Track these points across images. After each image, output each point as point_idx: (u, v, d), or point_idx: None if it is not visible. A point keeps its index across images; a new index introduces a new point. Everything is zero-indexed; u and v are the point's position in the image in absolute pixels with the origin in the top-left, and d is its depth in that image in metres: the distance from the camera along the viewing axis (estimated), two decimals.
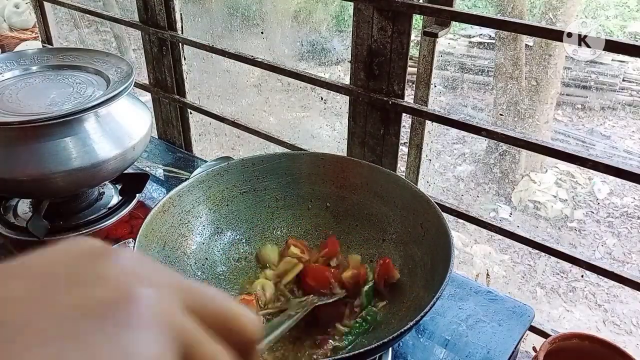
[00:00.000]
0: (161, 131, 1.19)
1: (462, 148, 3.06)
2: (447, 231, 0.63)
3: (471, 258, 2.48)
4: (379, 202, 0.74)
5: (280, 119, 2.78)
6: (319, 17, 2.92)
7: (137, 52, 3.11)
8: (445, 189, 2.86)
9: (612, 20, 2.87)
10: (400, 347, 0.68)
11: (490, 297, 0.75)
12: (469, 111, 3.16)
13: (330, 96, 2.42)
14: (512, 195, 2.85)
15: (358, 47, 0.80)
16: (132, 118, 0.86)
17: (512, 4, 2.77)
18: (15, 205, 0.92)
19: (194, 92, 1.15)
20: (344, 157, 0.80)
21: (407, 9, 0.73)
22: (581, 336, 0.62)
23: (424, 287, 0.63)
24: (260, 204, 0.77)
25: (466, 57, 3.28)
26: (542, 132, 2.87)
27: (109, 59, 0.91)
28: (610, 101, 3.10)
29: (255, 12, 2.40)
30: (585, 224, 2.69)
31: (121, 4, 3.05)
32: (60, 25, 3.09)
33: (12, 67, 0.89)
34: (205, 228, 0.73)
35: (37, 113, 0.76)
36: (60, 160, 0.76)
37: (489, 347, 0.67)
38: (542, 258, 2.48)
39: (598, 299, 2.36)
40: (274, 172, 0.78)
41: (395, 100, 0.79)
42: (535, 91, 2.83)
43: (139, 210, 0.92)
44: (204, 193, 0.73)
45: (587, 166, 0.66)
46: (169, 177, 1.03)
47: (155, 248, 0.64)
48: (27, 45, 2.45)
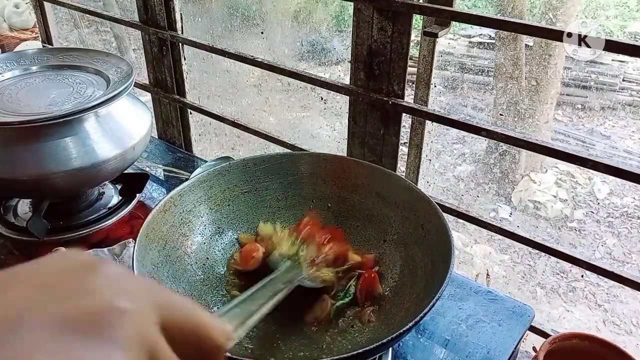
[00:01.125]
0: (161, 131, 1.19)
1: (462, 148, 3.06)
2: (447, 231, 0.63)
3: (471, 258, 2.48)
4: (380, 203, 0.74)
5: (280, 119, 2.78)
6: (319, 17, 2.91)
7: (137, 52, 3.11)
8: (445, 189, 2.86)
9: (612, 20, 2.87)
10: (400, 347, 0.68)
11: (490, 297, 0.75)
12: (469, 111, 3.16)
13: (330, 96, 2.42)
14: (512, 195, 2.85)
15: (358, 47, 0.80)
16: (132, 118, 0.86)
17: (512, 4, 2.77)
18: (15, 205, 0.92)
19: (194, 92, 1.15)
20: (345, 157, 0.80)
21: (407, 9, 0.73)
22: (581, 336, 0.62)
23: (424, 287, 0.63)
24: (261, 204, 0.77)
25: (466, 57, 3.28)
26: (542, 132, 2.87)
27: (109, 59, 0.91)
28: (610, 101, 3.10)
29: (255, 12, 2.40)
30: (585, 224, 2.69)
31: (121, 4, 3.05)
32: (60, 25, 3.09)
33: (12, 67, 0.89)
34: (206, 228, 0.73)
35: (37, 113, 0.76)
36: (60, 160, 0.76)
37: (489, 347, 0.67)
38: (542, 258, 2.48)
39: (598, 299, 2.36)
40: (276, 172, 0.78)
41: (395, 100, 0.79)
42: (535, 91, 2.83)
43: (139, 210, 0.92)
44: (205, 193, 0.73)
45: (587, 166, 0.66)
46: (169, 177, 1.03)
47: (156, 248, 0.64)
48: (27, 45, 2.44)
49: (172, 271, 0.65)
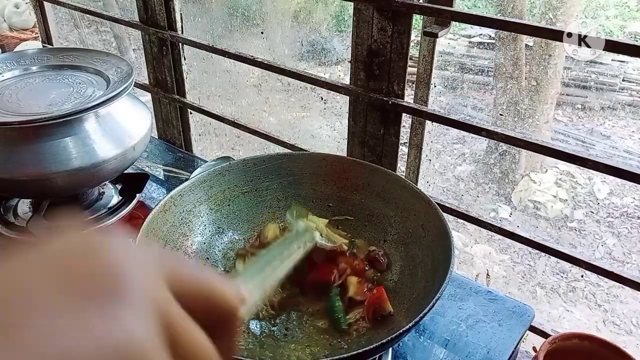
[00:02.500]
0: (161, 131, 1.19)
1: (462, 148, 3.06)
2: (447, 232, 0.63)
3: (471, 258, 2.48)
4: (380, 203, 0.74)
5: (280, 119, 2.78)
6: (319, 17, 2.92)
7: (137, 52, 3.11)
8: (445, 189, 2.86)
9: (612, 20, 2.87)
10: (400, 347, 0.68)
11: (490, 297, 0.75)
12: (469, 111, 3.16)
13: (330, 96, 2.42)
14: (512, 195, 2.85)
15: (358, 47, 0.80)
16: (132, 118, 0.86)
17: (512, 4, 2.77)
18: (15, 205, 0.92)
19: (194, 92, 1.15)
20: (345, 157, 0.80)
21: (407, 9, 0.73)
22: (581, 336, 0.62)
23: (424, 287, 0.63)
24: (261, 204, 0.77)
25: (466, 57, 3.28)
26: (542, 132, 2.87)
27: (109, 59, 0.91)
28: (610, 101, 3.11)
29: (255, 12, 2.41)
30: (585, 224, 2.69)
31: (121, 4, 3.05)
32: (60, 25, 3.09)
33: (12, 67, 0.89)
34: (206, 228, 0.73)
35: (37, 113, 0.76)
36: (60, 160, 0.76)
37: (489, 347, 0.67)
38: (542, 258, 2.48)
39: (598, 299, 2.37)
40: (276, 173, 0.78)
41: (395, 100, 0.79)
42: (535, 91, 2.84)
43: (139, 210, 0.91)
44: (205, 193, 0.73)
45: (587, 166, 0.66)
46: (169, 177, 1.03)
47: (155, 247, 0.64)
48: (27, 45, 2.44)
49: None
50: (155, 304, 0.19)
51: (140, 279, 0.19)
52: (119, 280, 0.19)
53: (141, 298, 0.19)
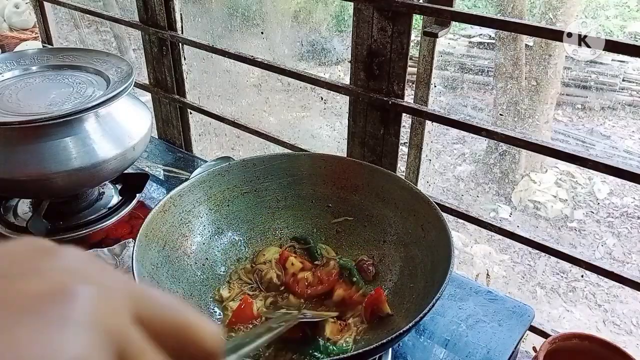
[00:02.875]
0: (161, 131, 1.19)
1: (462, 148, 3.06)
2: (447, 232, 0.63)
3: (471, 258, 2.48)
4: (379, 203, 0.74)
5: (280, 119, 2.78)
6: (319, 17, 2.92)
7: (137, 52, 3.11)
8: (445, 189, 2.86)
9: (612, 20, 2.87)
10: (400, 347, 0.68)
11: (490, 297, 0.75)
12: (469, 111, 3.16)
13: (330, 96, 2.42)
14: (512, 195, 2.85)
15: (358, 47, 0.80)
16: (132, 118, 0.86)
17: (512, 4, 2.77)
18: (15, 205, 0.92)
19: (194, 92, 1.15)
20: (345, 158, 0.80)
21: (407, 9, 0.73)
22: (581, 336, 0.62)
23: (424, 287, 0.63)
24: (261, 205, 0.77)
25: (466, 57, 3.28)
26: (542, 132, 2.87)
27: (109, 59, 0.91)
28: (610, 101, 3.11)
29: (255, 12, 2.41)
30: (585, 224, 2.69)
31: (121, 4, 3.05)
32: (60, 25, 3.09)
33: (12, 67, 0.89)
34: (205, 228, 0.73)
35: (37, 113, 0.76)
36: (60, 160, 0.76)
37: (489, 347, 0.67)
38: (542, 258, 2.48)
39: (598, 299, 2.36)
40: (275, 173, 0.78)
41: (395, 100, 0.79)
42: (535, 91, 2.84)
43: (139, 210, 0.92)
44: (205, 193, 0.73)
45: (587, 166, 0.66)
46: (169, 177, 1.03)
47: (155, 248, 0.64)
48: (27, 45, 2.44)
49: (171, 271, 0.65)
50: (107, 326, 0.17)
51: (91, 297, 0.18)
52: (61, 293, 0.17)
53: (87, 316, 0.17)
